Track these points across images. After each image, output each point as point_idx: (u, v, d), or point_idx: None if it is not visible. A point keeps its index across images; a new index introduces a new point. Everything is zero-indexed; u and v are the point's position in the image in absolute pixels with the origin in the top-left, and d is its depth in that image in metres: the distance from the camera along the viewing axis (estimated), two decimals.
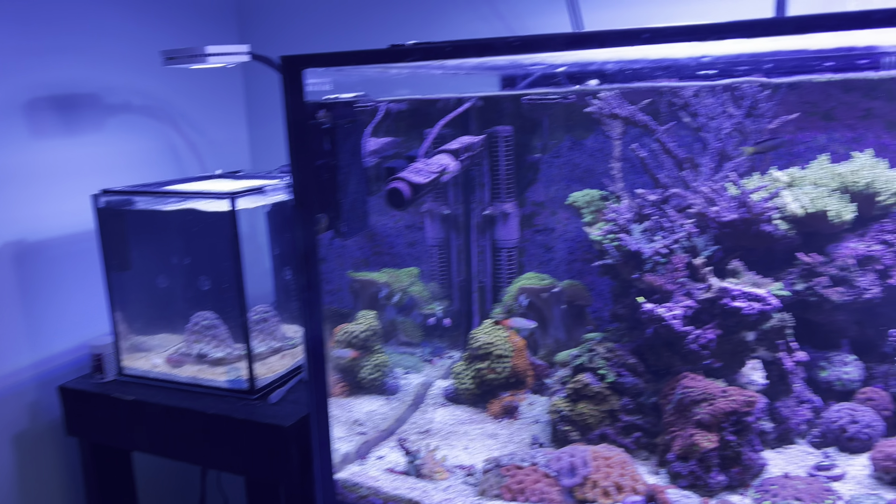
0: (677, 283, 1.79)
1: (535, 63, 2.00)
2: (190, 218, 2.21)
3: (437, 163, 1.89)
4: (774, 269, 1.88)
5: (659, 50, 1.54)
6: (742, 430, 1.65)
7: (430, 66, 1.83)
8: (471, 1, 2.62)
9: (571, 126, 2.35)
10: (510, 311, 2.27)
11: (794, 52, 1.83)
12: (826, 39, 1.48)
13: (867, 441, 1.71)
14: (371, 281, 2.37)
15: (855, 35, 1.42)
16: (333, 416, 2.01)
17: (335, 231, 1.62)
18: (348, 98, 1.71)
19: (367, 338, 2.16)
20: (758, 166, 2.06)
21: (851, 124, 2.07)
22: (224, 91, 3.05)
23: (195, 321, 2.30)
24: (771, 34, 1.26)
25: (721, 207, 1.83)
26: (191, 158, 2.89)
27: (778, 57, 2.02)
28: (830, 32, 1.23)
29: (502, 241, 2.41)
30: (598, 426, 1.80)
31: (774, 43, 1.52)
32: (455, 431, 1.97)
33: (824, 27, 1.22)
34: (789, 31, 1.25)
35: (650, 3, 2.34)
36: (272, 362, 2.29)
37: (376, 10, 2.77)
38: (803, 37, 1.30)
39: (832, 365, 1.86)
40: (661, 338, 1.78)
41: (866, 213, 1.86)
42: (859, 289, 1.80)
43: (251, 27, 3.04)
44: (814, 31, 1.23)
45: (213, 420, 2.03)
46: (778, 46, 1.66)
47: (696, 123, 2.04)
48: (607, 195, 2.14)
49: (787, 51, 1.82)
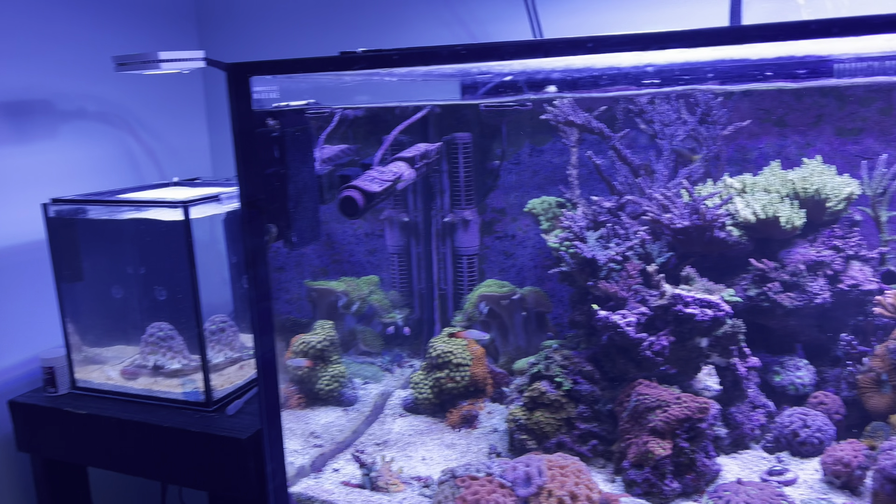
0: (632, 290, 1.80)
1: (488, 71, 2.00)
2: (143, 227, 2.17)
3: (392, 170, 1.88)
4: (727, 275, 1.90)
5: (616, 58, 1.54)
6: (696, 436, 1.65)
7: (385, 72, 1.82)
8: (433, 7, 2.61)
9: (530, 133, 2.35)
10: (471, 319, 2.26)
11: (747, 59, 1.85)
12: (780, 48, 1.49)
13: (818, 445, 1.72)
14: (329, 290, 2.35)
15: (808, 44, 1.43)
16: (289, 428, 1.99)
17: (285, 241, 1.60)
18: (299, 105, 1.69)
19: (325, 348, 2.14)
20: (712, 172, 2.07)
21: (803, 130, 2.09)
22: (183, 97, 3.01)
23: (150, 332, 2.26)
24: (725, 43, 1.27)
25: (675, 214, 1.84)
26: (149, 166, 2.84)
27: (732, 64, 2.04)
28: (784, 41, 1.24)
29: (463, 249, 2.40)
30: (554, 434, 1.79)
31: (729, 51, 1.54)
32: (413, 442, 1.96)
33: (779, 37, 1.22)
34: (743, 41, 1.26)
35: (611, 9, 2.35)
36: (230, 373, 2.25)
37: (340, 15, 2.75)
38: (757, 45, 1.31)
39: (785, 369, 1.88)
40: (615, 345, 1.78)
41: (816, 218, 1.88)
42: (810, 294, 1.81)
43: (211, 32, 3.00)
44: (768, 41, 1.24)
45: (168, 433, 1.99)
46: (732, 54, 1.67)
47: (651, 130, 2.06)
48: (564, 202, 2.15)
49: (740, 59, 1.83)
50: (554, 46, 1.28)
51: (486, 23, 2.55)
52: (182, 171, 2.84)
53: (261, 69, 1.49)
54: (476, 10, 2.56)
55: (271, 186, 1.58)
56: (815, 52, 1.73)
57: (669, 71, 2.07)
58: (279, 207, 1.59)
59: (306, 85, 1.80)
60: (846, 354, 1.85)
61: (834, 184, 1.85)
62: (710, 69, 1.90)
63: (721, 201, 1.83)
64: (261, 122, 1.59)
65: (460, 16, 2.60)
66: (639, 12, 2.28)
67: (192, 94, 3.04)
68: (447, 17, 2.62)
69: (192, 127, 3.05)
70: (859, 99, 2.07)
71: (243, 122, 1.52)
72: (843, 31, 1.15)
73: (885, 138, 2.07)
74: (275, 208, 1.58)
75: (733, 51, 1.56)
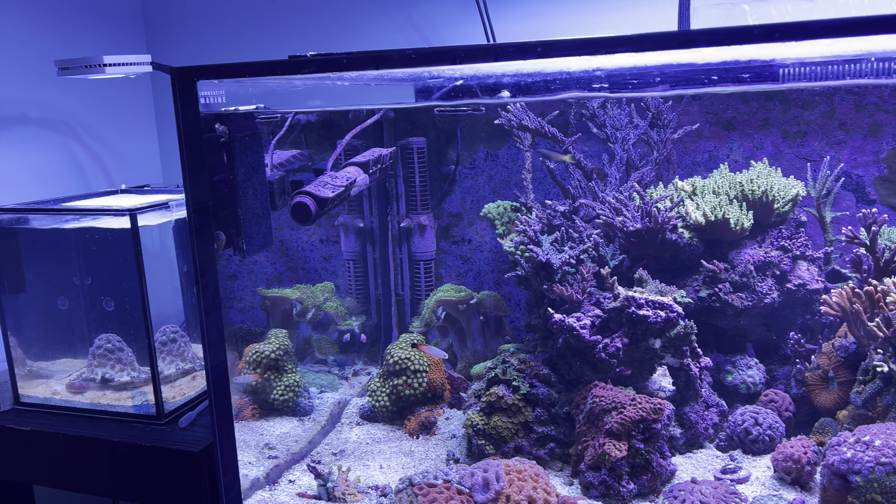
0: (586, 292, 1.81)
1: (440, 75, 2.00)
2: (89, 236, 2.11)
3: (345, 176, 1.86)
4: (679, 277, 1.92)
5: (566, 62, 1.55)
6: (651, 437, 1.67)
7: (336, 76, 1.79)
8: (387, 11, 2.60)
9: (484, 137, 2.35)
10: (428, 324, 2.25)
11: (696, 64, 1.88)
12: (727, 52, 1.52)
13: (770, 443, 1.75)
14: (283, 297, 2.31)
15: (753, 48, 1.46)
16: (243, 440, 1.95)
17: (235, 248, 1.57)
18: (248, 110, 1.66)
19: (279, 357, 2.10)
20: (663, 175, 2.10)
21: (750, 134, 2.14)
22: (131, 101, 2.93)
23: (98, 344, 2.19)
24: (674, 47, 1.28)
25: (627, 217, 1.86)
26: (96, 173, 2.77)
27: (681, 69, 2.07)
28: (731, 46, 1.26)
29: (419, 254, 2.39)
30: (512, 439, 1.79)
31: (678, 55, 1.56)
32: (370, 451, 1.93)
33: (725, 41, 1.24)
34: (691, 45, 1.27)
35: (563, 15, 2.36)
36: (182, 384, 2.20)
37: (291, 19, 2.71)
38: (705, 50, 1.33)
39: (737, 368, 1.91)
40: (571, 347, 1.79)
41: (764, 220, 1.92)
42: (759, 294, 1.85)
43: (159, 35, 2.93)
44: (716, 45, 1.26)
45: (118, 448, 1.93)
46: (681, 59, 1.69)
47: (603, 134, 2.07)
48: (519, 206, 2.15)
49: (688, 63, 1.86)
50: (504, 50, 1.28)
51: (440, 27, 2.55)
52: (130, 178, 2.77)
53: (208, 73, 1.45)
54: (430, 14, 2.55)
55: (220, 193, 1.55)
56: (761, 56, 1.77)
57: (620, 75, 2.09)
58: (229, 214, 1.55)
59: (255, 89, 1.77)
60: (795, 353, 1.89)
61: (781, 186, 1.89)
62: (659, 73, 1.93)
63: (672, 204, 1.85)
64: (209, 128, 1.55)
65: (414, 20, 2.59)
66: (591, 17, 2.30)
67: (140, 98, 2.97)
68: (401, 22, 2.61)
69: (140, 132, 2.98)
70: (803, 102, 2.12)
71: (190, 127, 1.48)
72: (785, 36, 1.17)
73: (827, 141, 2.13)
74: (224, 215, 1.55)
75: (682, 55, 1.59)
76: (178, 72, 1.47)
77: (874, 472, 1.37)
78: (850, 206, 2.13)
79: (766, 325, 1.92)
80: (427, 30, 2.59)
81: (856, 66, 1.72)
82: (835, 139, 2.12)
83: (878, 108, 2.08)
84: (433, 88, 2.33)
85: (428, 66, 1.44)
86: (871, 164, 2.11)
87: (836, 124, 2.11)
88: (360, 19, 2.63)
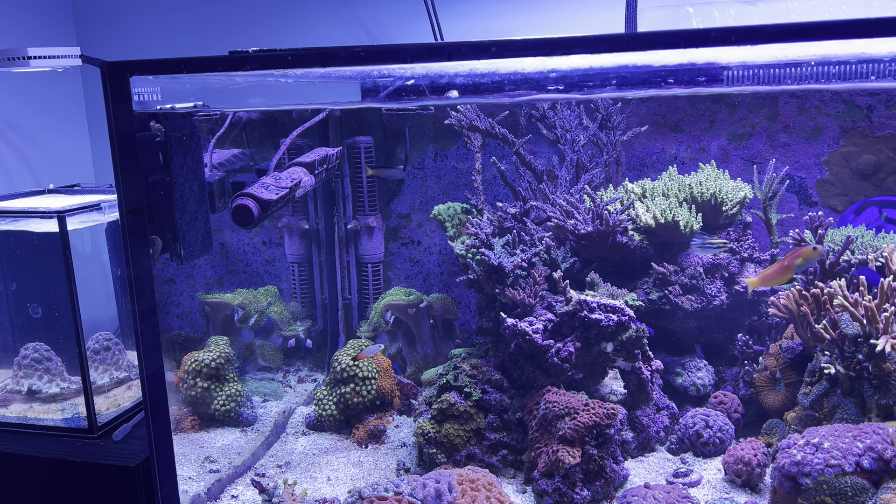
0: (538, 296, 1.78)
1: (390, 74, 1.94)
2: (14, 239, 1.98)
3: (290, 177, 1.79)
4: (630, 280, 1.92)
5: (519, 62, 1.52)
6: (604, 442, 1.65)
7: (280, 73, 1.72)
8: (331, 6, 2.52)
9: (433, 137, 2.30)
10: (377, 329, 2.20)
11: (643, 66, 1.87)
12: (678, 55, 1.52)
13: (720, 445, 1.76)
14: (224, 303, 2.22)
15: (702, 51, 1.46)
16: (182, 453, 1.86)
17: (172, 254, 1.48)
18: (186, 108, 1.57)
19: (220, 366, 2.02)
20: (612, 177, 2.10)
21: (697, 136, 2.15)
22: (60, 96, 2.78)
23: (24, 354, 2.07)
24: (631, 49, 1.27)
25: (578, 220, 1.84)
26: (21, 171, 2.61)
27: (628, 71, 2.07)
28: (677, 49, 1.25)
29: (367, 256, 2.33)
30: (464, 447, 1.76)
31: (627, 57, 1.54)
32: (317, 462, 1.87)
33: (672, 44, 1.23)
34: (640, 48, 1.26)
35: (509, 13, 2.34)
36: (116, 395, 2.09)
37: (231, 13, 2.61)
38: (657, 52, 1.31)
39: (686, 370, 1.92)
40: (523, 352, 1.76)
41: (713, 222, 1.93)
42: (708, 296, 1.86)
43: (89, 27, 2.79)
44: (662, 48, 1.24)
45: (47, 465, 1.82)
46: (630, 61, 1.68)
47: (553, 136, 2.06)
48: (469, 208, 2.11)
49: (635, 65, 1.86)
50: (457, 49, 1.24)
51: (387, 24, 2.49)
52: (60, 177, 2.62)
53: (142, 68, 1.37)
54: (376, 11, 2.49)
55: (156, 195, 1.46)
56: (713, 59, 1.78)
57: (571, 77, 2.08)
58: (165, 218, 1.47)
59: (193, 86, 1.68)
60: (742, 354, 1.91)
61: (729, 188, 1.91)
62: (614, 75, 1.92)
63: (622, 207, 1.84)
64: (143, 126, 1.46)
65: (360, 16, 2.53)
66: (537, 16, 2.28)
67: (69, 92, 2.82)
68: (346, 17, 2.54)
69: (70, 129, 2.83)
70: (748, 105, 2.15)
71: (122, 126, 1.40)
72: (741, 40, 1.17)
73: (772, 143, 2.16)
74: (160, 219, 1.46)
75: (636, 57, 1.58)
76: (110, 67, 1.38)
77: (823, 475, 1.39)
78: (794, 208, 2.17)
79: (715, 326, 1.94)
80: (373, 26, 2.53)
81: (797, 69, 1.74)
82: (779, 142, 2.15)
83: (820, 111, 2.12)
84: (381, 87, 2.27)
85: (377, 64, 1.39)
86: (813, 167, 2.15)
87: (779, 127, 2.15)
88: (303, 13, 2.55)
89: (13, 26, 2.54)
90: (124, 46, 2.72)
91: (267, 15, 2.57)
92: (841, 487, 1.36)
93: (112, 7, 2.73)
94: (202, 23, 2.64)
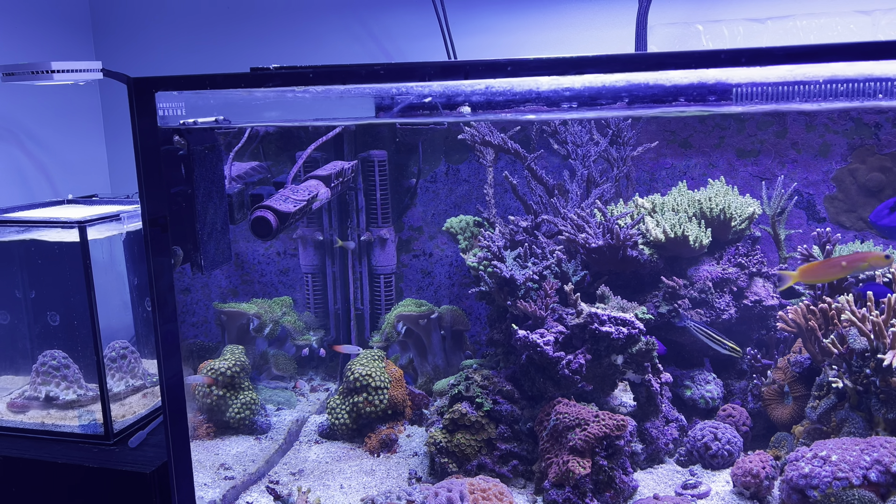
0: (549, 308, 1.81)
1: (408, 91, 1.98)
2: (34, 249, 2.02)
3: (307, 189, 1.82)
4: (639, 293, 1.94)
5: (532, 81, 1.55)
6: (614, 453, 1.68)
7: (299, 88, 1.76)
8: (345, 22, 2.57)
9: (446, 151, 2.34)
10: (389, 339, 2.22)
11: (655, 84, 1.91)
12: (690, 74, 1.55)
13: (728, 457, 1.78)
14: (240, 312, 2.25)
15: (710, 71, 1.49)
16: (197, 460, 1.89)
17: (192, 264, 1.52)
18: (207, 122, 1.61)
19: (235, 374, 2.05)
20: (622, 192, 2.13)
21: (707, 151, 2.18)
22: (78, 108, 2.83)
23: (42, 361, 2.10)
24: (648, 69, 1.30)
25: (589, 234, 1.87)
26: (41, 182, 2.66)
27: (640, 89, 2.10)
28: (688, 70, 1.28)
29: (379, 268, 2.36)
30: (475, 456, 1.78)
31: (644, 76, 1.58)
32: (330, 470, 1.90)
33: (683, 65, 1.26)
34: (652, 68, 1.29)
35: (520, 30, 2.38)
36: (132, 402, 2.12)
37: (247, 27, 2.66)
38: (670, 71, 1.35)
39: (695, 383, 1.94)
40: (534, 363, 1.79)
41: (722, 237, 1.96)
42: (717, 310, 1.88)
43: (107, 40, 2.84)
44: (673, 68, 1.27)
45: (64, 471, 1.85)
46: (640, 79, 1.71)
47: (564, 151, 2.09)
48: (481, 221, 2.15)
49: (647, 83, 1.89)
50: (474, 68, 1.28)
51: (399, 39, 2.54)
52: (77, 188, 2.66)
53: (167, 84, 1.41)
54: (389, 26, 2.54)
55: (178, 206, 1.50)
56: (717, 78, 1.81)
57: (583, 95, 2.11)
58: (186, 229, 1.50)
59: (215, 101, 1.72)
60: (751, 367, 1.93)
61: (737, 204, 1.93)
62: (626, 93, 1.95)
63: (633, 221, 1.87)
64: (166, 140, 1.50)
65: (373, 31, 2.57)
66: (548, 33, 2.32)
67: (87, 105, 2.87)
68: (359, 32, 2.59)
69: (88, 140, 2.88)
70: (757, 122, 2.18)
71: (147, 140, 1.43)
72: (750, 62, 1.20)
73: (780, 159, 2.19)
74: (181, 230, 1.50)
75: (643, 76, 1.61)
76: (136, 82, 1.42)
77: (831, 487, 1.41)
78: (802, 224, 2.19)
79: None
80: (386, 41, 2.58)
81: (805, 87, 1.77)
82: (787, 158, 2.18)
83: (828, 128, 2.15)
84: (396, 103, 2.31)
85: (396, 82, 1.42)
86: (821, 183, 2.17)
87: (788, 144, 2.17)
88: (318, 29, 2.60)
89: (33, 39, 2.59)
90: (142, 60, 2.77)
91: (282, 30, 2.62)
92: (848, 500, 1.38)
93: (130, 21, 2.79)
94: (218, 37, 2.69)
